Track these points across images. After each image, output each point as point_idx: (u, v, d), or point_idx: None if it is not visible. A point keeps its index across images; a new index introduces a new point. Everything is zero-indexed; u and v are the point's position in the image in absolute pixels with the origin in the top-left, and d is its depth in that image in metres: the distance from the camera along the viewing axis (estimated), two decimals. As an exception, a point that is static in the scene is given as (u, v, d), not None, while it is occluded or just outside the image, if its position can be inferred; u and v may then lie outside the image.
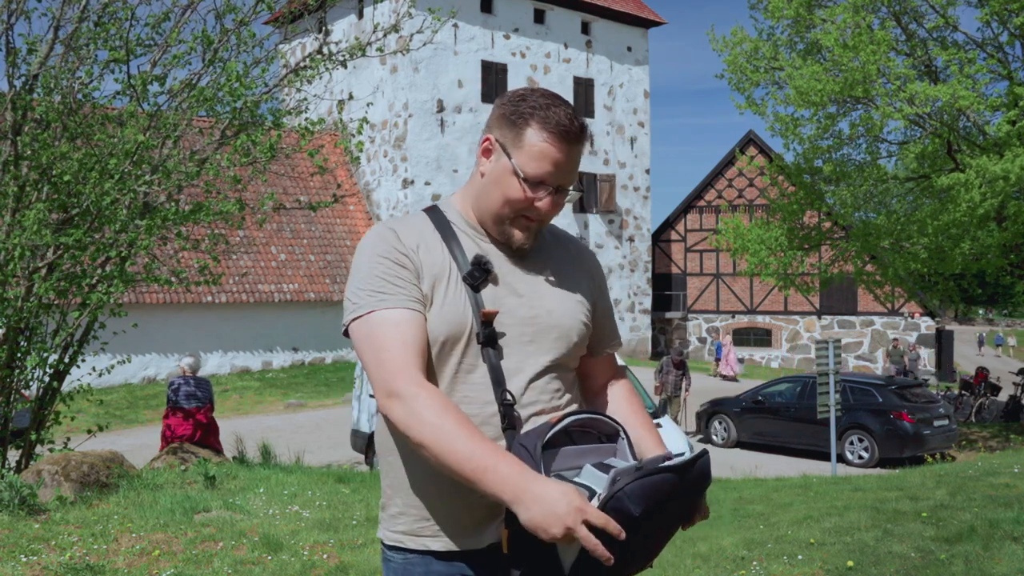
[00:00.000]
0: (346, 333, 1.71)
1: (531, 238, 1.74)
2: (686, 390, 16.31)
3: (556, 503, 1.41)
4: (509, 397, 1.65)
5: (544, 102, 1.66)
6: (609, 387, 1.90)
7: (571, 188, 1.73)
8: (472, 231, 1.76)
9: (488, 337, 1.66)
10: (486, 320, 1.66)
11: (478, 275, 1.68)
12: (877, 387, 15.12)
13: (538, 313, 1.73)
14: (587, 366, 1.88)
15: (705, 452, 1.59)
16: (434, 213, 1.79)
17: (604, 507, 1.44)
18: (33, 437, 7.67)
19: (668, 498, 1.48)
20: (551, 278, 1.78)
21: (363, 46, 8.70)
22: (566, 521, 1.40)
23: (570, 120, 1.65)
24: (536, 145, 1.64)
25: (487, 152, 1.72)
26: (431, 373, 1.68)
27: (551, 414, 1.68)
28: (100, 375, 7.90)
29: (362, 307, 1.65)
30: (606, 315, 1.89)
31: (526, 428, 1.66)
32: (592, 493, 1.49)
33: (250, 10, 8.11)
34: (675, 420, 15.49)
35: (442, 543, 1.68)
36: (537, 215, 1.70)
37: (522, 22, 27.63)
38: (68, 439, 8.09)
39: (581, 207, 28.55)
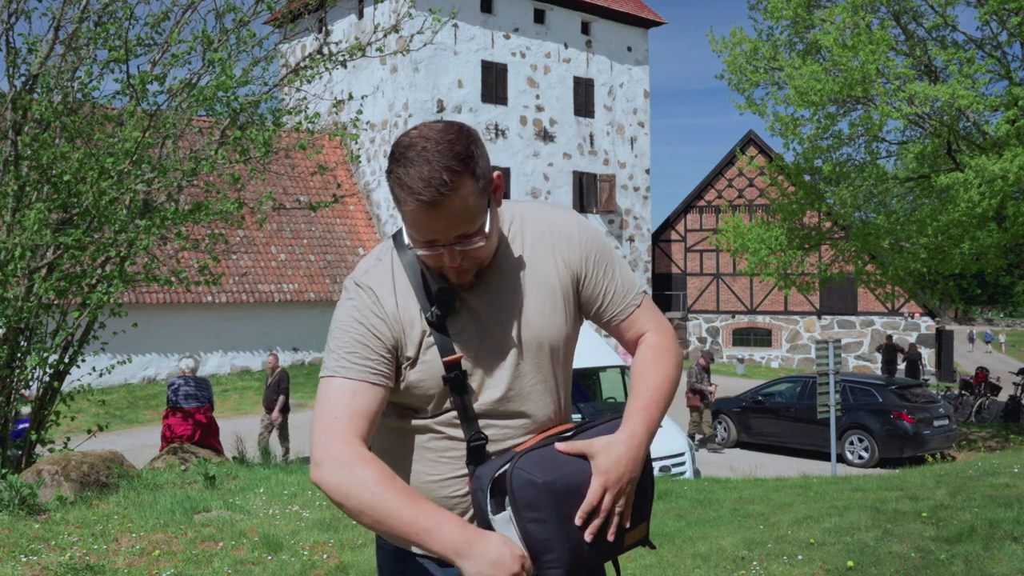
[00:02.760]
0: None
1: (469, 277, 1.66)
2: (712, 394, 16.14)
3: (499, 556, 1.49)
4: (481, 436, 1.67)
5: (404, 164, 1.53)
6: (636, 350, 1.81)
7: (484, 229, 1.60)
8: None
9: (454, 381, 1.65)
10: (450, 365, 1.64)
11: (440, 313, 1.64)
12: (877, 387, 15.12)
13: (513, 332, 1.69)
14: (617, 332, 1.82)
15: (590, 422, 1.71)
16: (400, 245, 1.71)
17: (511, 487, 1.56)
18: (33, 437, 7.67)
19: (567, 464, 1.60)
20: (521, 290, 1.71)
21: (363, 46, 8.70)
22: (512, 569, 1.48)
23: (425, 183, 1.50)
24: (405, 213, 1.56)
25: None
26: (406, 431, 1.73)
27: (529, 437, 1.71)
28: (100, 375, 7.90)
29: (327, 369, 1.65)
30: (601, 279, 1.77)
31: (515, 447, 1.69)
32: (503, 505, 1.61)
33: (250, 10, 8.11)
34: (706, 425, 15.48)
35: (419, 547, 1.71)
36: (454, 266, 1.61)
37: (522, 22, 27.63)
38: (68, 439, 8.09)
39: (581, 207, 28.56)
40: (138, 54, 7.75)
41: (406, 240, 1.63)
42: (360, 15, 26.92)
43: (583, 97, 28.97)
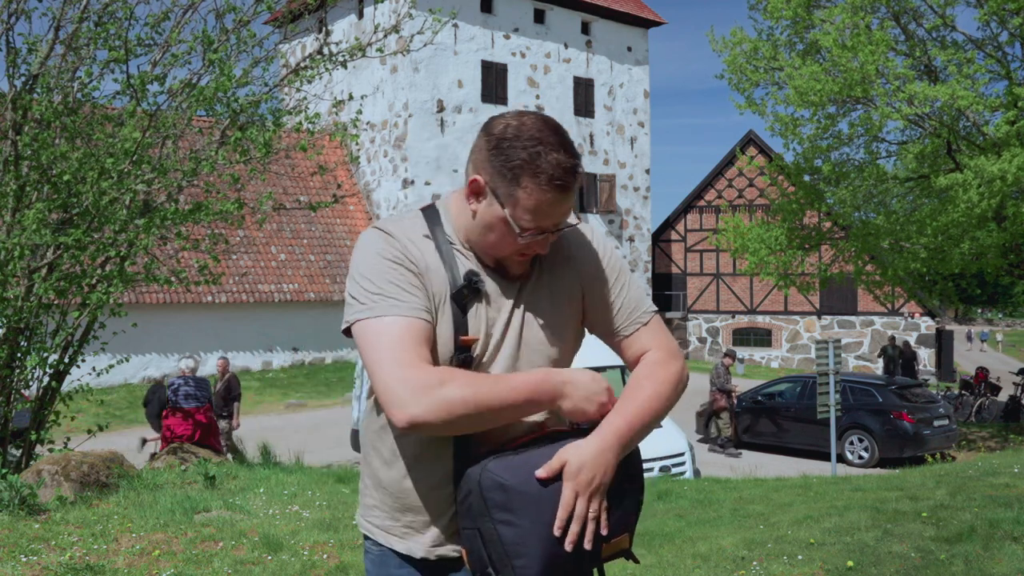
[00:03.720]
0: (347, 332, 1.64)
1: (527, 266, 1.71)
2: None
3: (589, 386, 1.60)
4: None
5: (535, 149, 1.55)
6: (635, 368, 1.78)
7: (572, 217, 1.68)
8: (464, 248, 1.70)
9: (462, 363, 1.62)
10: (464, 346, 1.63)
11: (467, 292, 1.63)
12: (877, 387, 15.12)
13: (516, 328, 1.68)
14: (620, 348, 1.79)
15: (562, 433, 1.64)
16: (431, 219, 1.71)
17: (480, 488, 1.54)
18: (33, 437, 7.67)
19: (535, 467, 1.56)
20: (540, 293, 1.72)
21: (363, 46, 8.70)
22: (601, 399, 1.60)
23: (564, 170, 1.56)
24: (531, 198, 1.56)
25: (477, 193, 1.63)
26: None
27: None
28: (100, 375, 7.90)
29: (373, 310, 1.57)
30: (608, 293, 1.77)
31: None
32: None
33: (250, 10, 8.11)
34: (726, 426, 15.40)
35: (405, 546, 1.71)
36: (534, 253, 1.66)
37: (522, 22, 27.63)
38: (68, 439, 8.09)
39: (581, 207, 28.55)
40: (138, 54, 7.75)
41: (516, 226, 1.59)
42: (360, 15, 26.92)
43: (583, 97, 28.97)
